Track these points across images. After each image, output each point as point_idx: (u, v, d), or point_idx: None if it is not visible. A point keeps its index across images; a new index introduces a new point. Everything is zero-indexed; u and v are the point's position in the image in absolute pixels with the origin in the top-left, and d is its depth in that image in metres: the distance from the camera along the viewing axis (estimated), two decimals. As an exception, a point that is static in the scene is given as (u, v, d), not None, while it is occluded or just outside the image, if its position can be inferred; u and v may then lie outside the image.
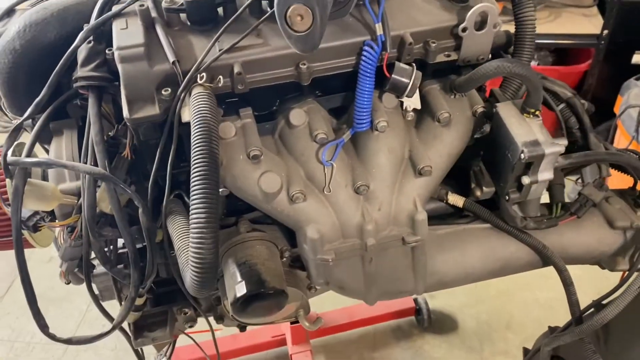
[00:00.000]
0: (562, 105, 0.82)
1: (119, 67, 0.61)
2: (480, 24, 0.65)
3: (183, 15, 0.64)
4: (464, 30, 0.65)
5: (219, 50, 0.61)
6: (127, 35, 0.62)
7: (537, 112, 0.65)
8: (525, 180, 0.65)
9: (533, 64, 2.09)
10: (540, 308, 1.79)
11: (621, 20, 1.94)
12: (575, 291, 0.77)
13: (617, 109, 2.07)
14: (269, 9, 0.64)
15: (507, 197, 0.68)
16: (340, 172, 0.66)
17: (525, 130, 0.63)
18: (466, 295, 1.82)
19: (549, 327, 0.89)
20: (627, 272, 0.78)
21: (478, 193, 0.75)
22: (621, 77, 2.10)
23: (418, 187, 0.68)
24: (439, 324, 1.73)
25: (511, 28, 0.74)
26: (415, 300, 1.71)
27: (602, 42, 1.94)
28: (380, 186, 0.67)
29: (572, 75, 2.12)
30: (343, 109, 0.71)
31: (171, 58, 0.60)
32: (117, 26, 0.63)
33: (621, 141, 1.94)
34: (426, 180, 0.68)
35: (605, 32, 1.92)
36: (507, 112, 0.66)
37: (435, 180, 0.69)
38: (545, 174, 0.64)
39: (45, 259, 1.83)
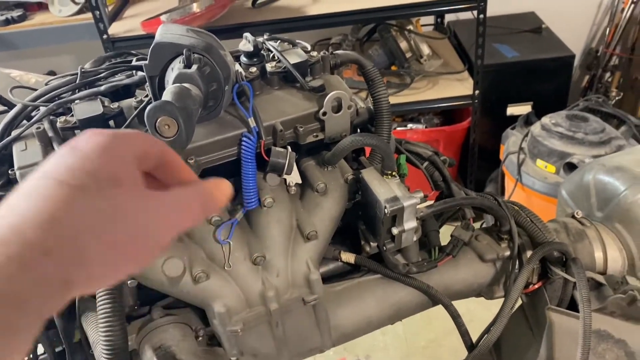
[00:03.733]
0: (426, 163, 0.96)
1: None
2: (337, 108, 0.78)
3: (78, 131, 0.73)
4: (324, 114, 0.77)
5: (113, 158, 0.69)
6: (26, 155, 0.69)
7: (394, 173, 0.78)
8: (395, 230, 0.76)
9: (420, 127, 2.31)
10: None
11: (488, 81, 2.22)
12: (463, 322, 0.87)
13: (502, 157, 2.31)
14: (155, 117, 0.74)
15: (384, 248, 0.79)
16: (238, 247, 0.74)
17: (385, 189, 0.75)
18: (398, 350, 1.89)
19: None
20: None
21: (367, 249, 0.85)
22: (500, 128, 2.38)
23: (308, 251, 0.77)
24: (376, 383, 1.78)
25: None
26: (350, 364, 1.76)
27: (476, 100, 2.20)
28: (275, 255, 0.75)
29: (457, 132, 2.36)
30: (235, 191, 0.80)
31: (70, 170, 0.67)
32: (17, 149, 0.71)
33: (509, 185, 2.16)
34: (314, 244, 0.77)
35: (477, 92, 2.17)
36: (370, 176, 0.77)
37: (323, 242, 0.79)
38: (410, 223, 0.76)
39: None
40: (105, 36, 2.04)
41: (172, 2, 2.24)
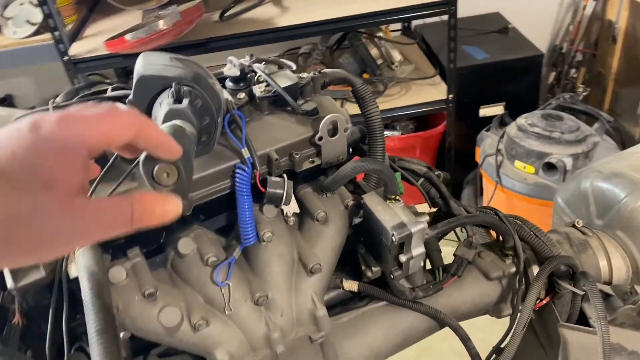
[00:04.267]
0: (421, 180, 0.93)
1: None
2: (333, 131, 0.74)
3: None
4: (320, 139, 0.73)
5: (97, 202, 0.63)
6: None
7: (397, 197, 0.74)
8: (402, 258, 0.72)
9: (396, 134, 2.29)
10: (458, 356, 1.87)
11: (460, 84, 2.21)
12: (473, 345, 0.84)
13: (477, 159, 2.31)
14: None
15: (392, 276, 0.75)
16: (238, 288, 0.69)
17: (390, 215, 0.71)
18: (389, 363, 1.86)
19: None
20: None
21: (369, 274, 0.81)
22: (474, 130, 2.38)
23: (312, 285, 0.73)
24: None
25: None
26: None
27: (450, 104, 2.19)
28: (278, 293, 0.70)
29: (433, 137, 2.35)
30: (229, 226, 0.75)
31: (49, 218, 0.61)
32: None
33: (488, 187, 2.16)
34: (318, 277, 0.73)
35: (451, 96, 2.17)
36: (372, 201, 0.73)
37: (327, 274, 0.74)
38: (418, 249, 0.72)
39: None
40: (66, 57, 1.95)
41: (134, 19, 2.17)
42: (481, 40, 2.48)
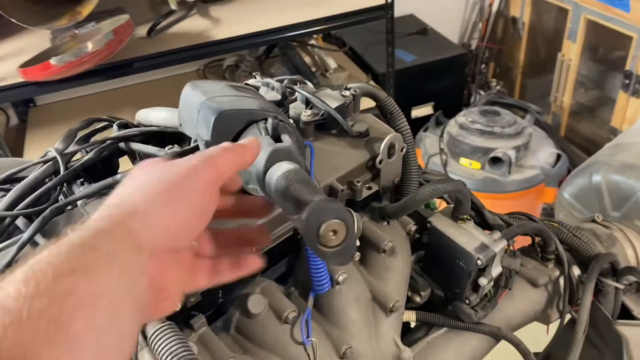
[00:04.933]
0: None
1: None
2: (391, 152, 0.68)
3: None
4: (380, 162, 0.66)
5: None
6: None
7: (468, 217, 0.69)
8: (483, 281, 0.67)
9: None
10: None
11: (395, 85, 2.22)
12: (534, 358, 0.81)
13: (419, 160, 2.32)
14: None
15: (467, 301, 0.70)
16: (320, 343, 0.60)
17: (468, 237, 0.66)
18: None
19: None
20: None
21: (418, 299, 0.75)
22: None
23: (392, 325, 0.66)
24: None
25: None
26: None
27: (389, 108, 2.18)
28: (360, 341, 0.62)
29: (374, 142, 2.34)
30: (288, 272, 0.66)
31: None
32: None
33: (436, 186, 2.18)
34: (397, 315, 0.66)
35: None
36: (442, 224, 0.68)
37: (403, 310, 0.68)
38: (497, 269, 0.68)
39: None
40: (-31, 90, 1.68)
41: (39, 41, 1.93)
42: (404, 42, 2.51)
